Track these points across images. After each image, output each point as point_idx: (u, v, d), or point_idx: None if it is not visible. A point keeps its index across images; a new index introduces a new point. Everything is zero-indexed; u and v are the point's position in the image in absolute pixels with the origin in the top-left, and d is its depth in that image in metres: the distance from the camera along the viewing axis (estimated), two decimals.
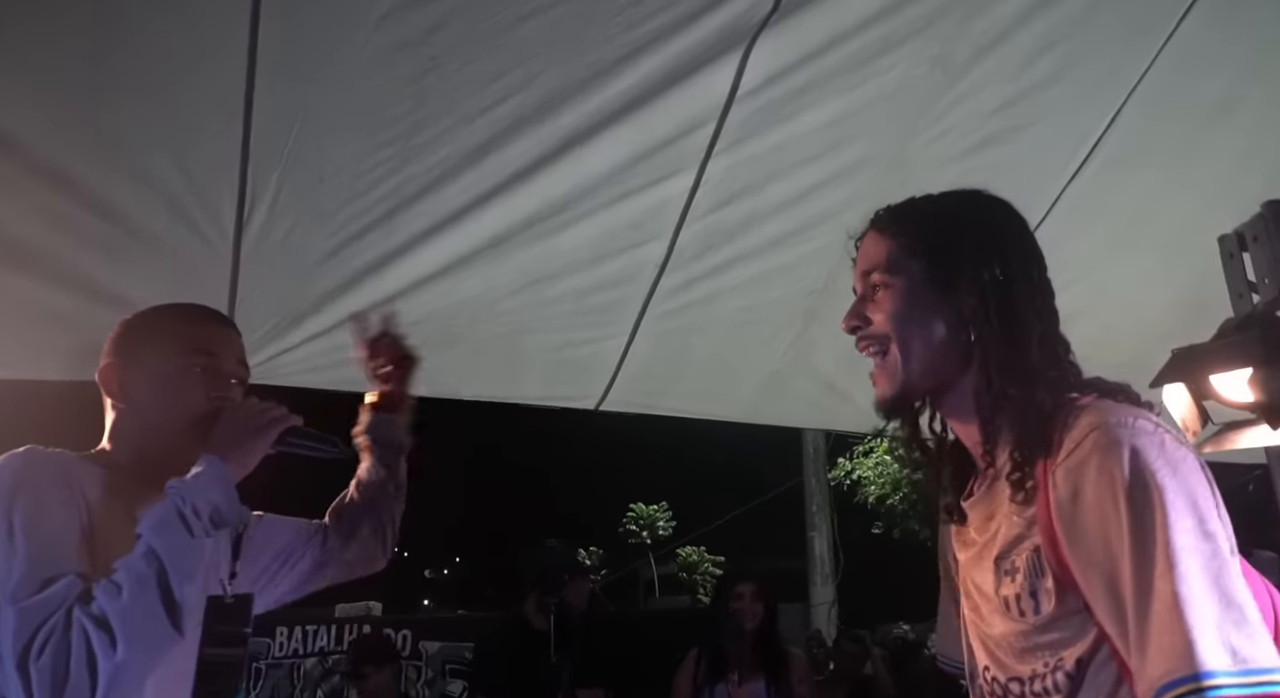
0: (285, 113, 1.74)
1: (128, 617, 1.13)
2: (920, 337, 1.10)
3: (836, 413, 2.96)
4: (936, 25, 1.94)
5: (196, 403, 1.38)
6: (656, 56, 1.82)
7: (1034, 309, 1.09)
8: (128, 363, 1.41)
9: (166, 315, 1.47)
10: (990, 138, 2.17)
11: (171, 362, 1.39)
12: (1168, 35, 2.12)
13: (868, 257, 1.18)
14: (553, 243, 2.13)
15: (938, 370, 1.11)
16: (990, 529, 1.09)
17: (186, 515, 1.22)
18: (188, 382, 1.39)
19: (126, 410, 1.40)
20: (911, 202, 1.21)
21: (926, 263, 1.12)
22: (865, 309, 1.15)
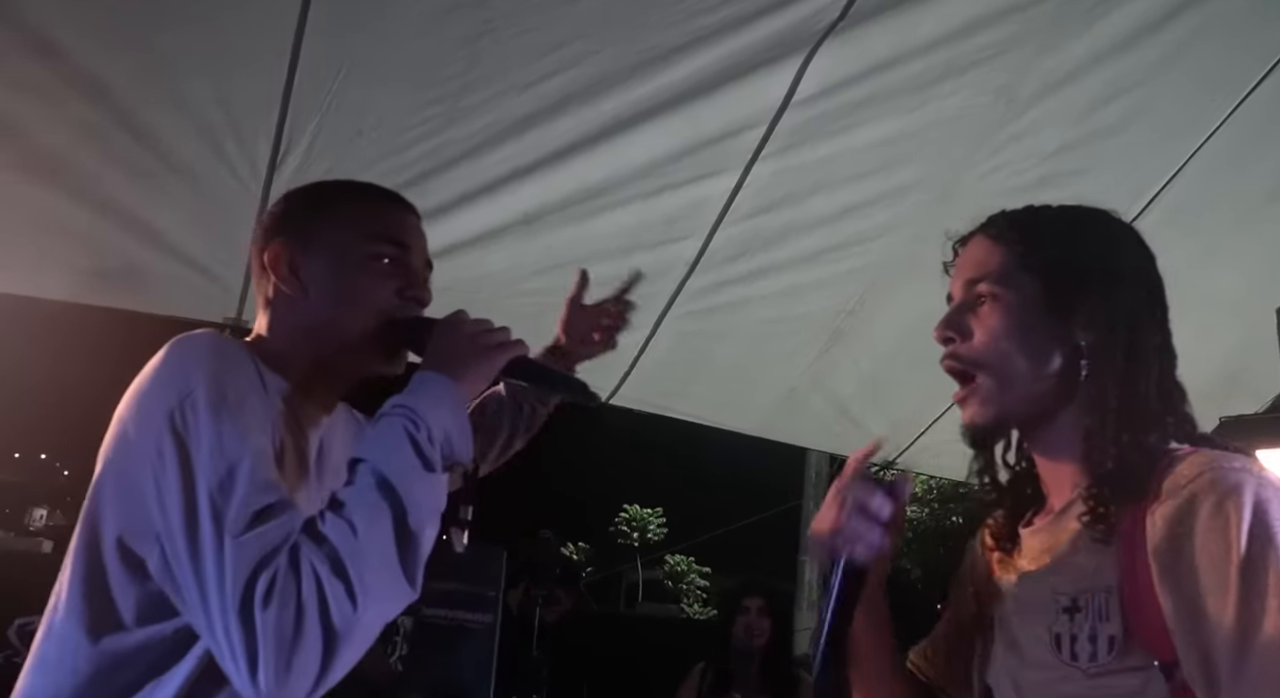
0: (333, 59, 1.70)
1: (366, 563, 0.92)
2: (1025, 361, 0.99)
3: (847, 439, 2.90)
4: (1006, 56, 1.88)
5: (386, 301, 1.13)
6: (715, 51, 1.78)
7: (1155, 349, 0.99)
8: (303, 242, 1.15)
9: (347, 193, 1.23)
10: (1045, 178, 2.11)
11: (357, 248, 1.14)
12: (1243, 96, 2.06)
13: (976, 263, 1.05)
14: (585, 227, 2.10)
15: (1038, 401, 1.00)
16: (1051, 562, 1.00)
17: (421, 442, 0.98)
18: (376, 274, 1.13)
19: (298, 300, 1.13)
20: (1033, 209, 1.09)
21: (1045, 279, 1.00)
22: (966, 320, 1.03)
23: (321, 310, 1.12)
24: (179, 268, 2.04)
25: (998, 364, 1.00)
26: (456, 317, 1.12)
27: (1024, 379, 0.99)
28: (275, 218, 1.20)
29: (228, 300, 2.18)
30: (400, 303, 1.13)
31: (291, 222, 1.18)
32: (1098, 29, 1.86)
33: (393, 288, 1.13)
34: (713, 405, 2.78)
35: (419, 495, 0.96)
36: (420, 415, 1.00)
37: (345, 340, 1.12)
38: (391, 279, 1.14)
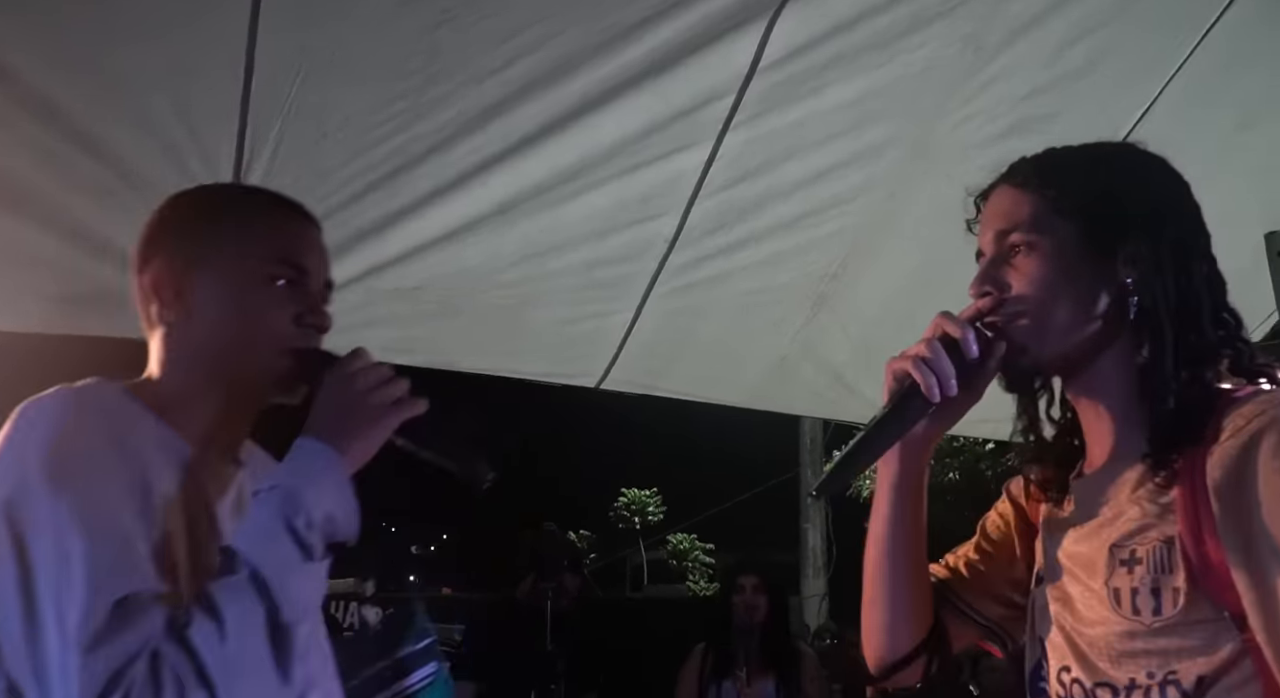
0: (289, 61, 1.66)
1: (235, 670, 0.84)
2: (1069, 307, 0.96)
3: (842, 404, 2.90)
4: (971, 4, 1.86)
5: (282, 330, 1.04)
6: (678, 22, 1.75)
7: (1205, 279, 0.96)
8: (188, 261, 1.04)
9: (238, 203, 1.12)
10: (1018, 124, 2.09)
11: (250, 269, 1.04)
12: (1208, 27, 2.05)
13: (1004, 214, 1.02)
14: (560, 213, 2.07)
15: (1080, 345, 0.97)
16: (1104, 513, 0.96)
17: (299, 530, 0.90)
18: (271, 299, 1.04)
19: (186, 326, 1.04)
20: (1055, 152, 1.07)
21: (1082, 222, 0.97)
22: (1002, 274, 1.00)
23: (212, 339, 1.04)
24: None
25: (1039, 311, 0.97)
26: (350, 366, 1.02)
27: (1067, 324, 0.97)
28: (156, 231, 1.10)
29: None
30: (298, 331, 1.05)
31: (175, 237, 1.08)
32: None
33: (290, 314, 1.05)
34: (703, 381, 2.76)
35: (296, 589, 0.89)
36: (299, 498, 0.91)
37: (240, 372, 1.04)
38: (288, 305, 1.05)
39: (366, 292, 2.16)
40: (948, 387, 0.95)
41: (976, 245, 1.06)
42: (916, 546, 1.11)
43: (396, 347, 2.36)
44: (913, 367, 0.96)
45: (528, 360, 2.54)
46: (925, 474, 1.10)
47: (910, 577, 1.11)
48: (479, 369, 2.51)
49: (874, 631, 1.15)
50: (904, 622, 1.12)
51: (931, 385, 0.95)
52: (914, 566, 1.12)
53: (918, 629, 1.12)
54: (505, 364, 2.51)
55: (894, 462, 1.08)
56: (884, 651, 1.14)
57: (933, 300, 2.62)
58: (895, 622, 1.12)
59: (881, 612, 1.13)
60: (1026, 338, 0.97)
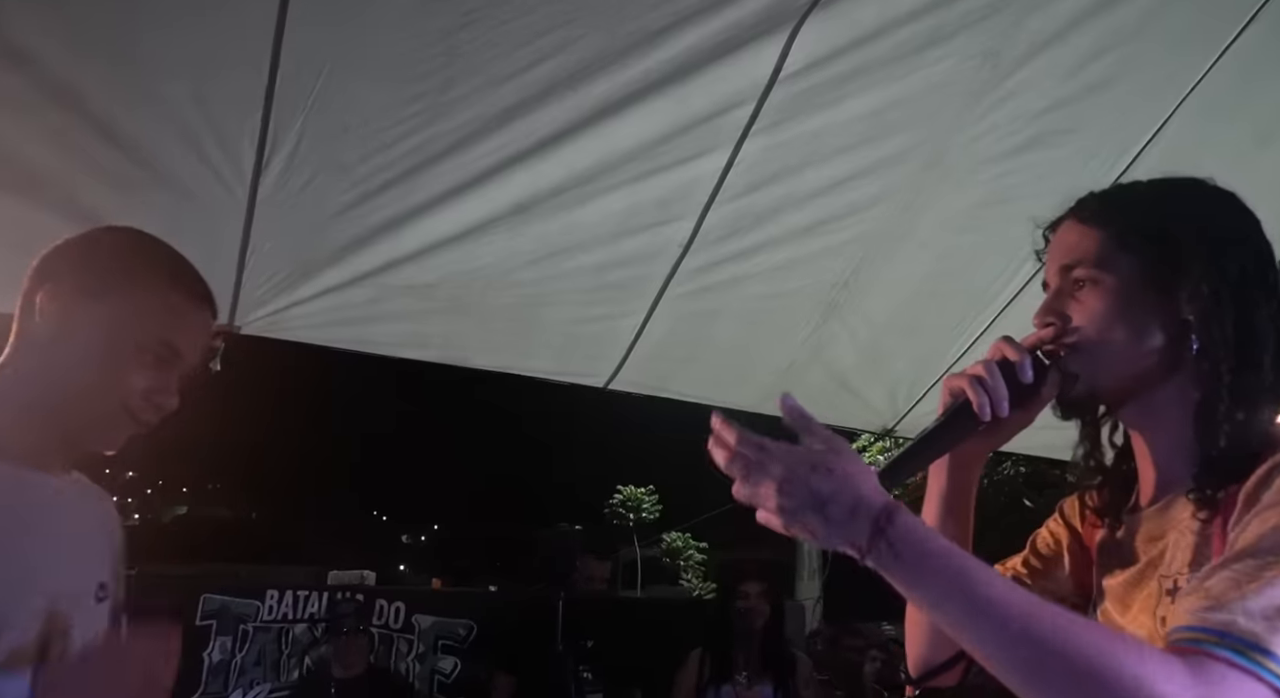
0: (314, 57, 1.67)
1: None
2: (1127, 342, 0.98)
3: (848, 410, 2.91)
4: (991, 19, 1.87)
5: (131, 396, 1.12)
6: (701, 29, 1.75)
7: (1269, 318, 0.95)
8: (76, 293, 1.12)
9: (155, 269, 1.18)
10: (1035, 138, 2.10)
11: (133, 333, 1.13)
12: (1226, 44, 2.06)
13: (1070, 248, 1.03)
14: (576, 215, 2.08)
15: (1136, 380, 0.99)
16: (1157, 548, 0.98)
17: None
18: (136, 366, 1.13)
19: (45, 351, 1.11)
20: (1123, 187, 1.08)
21: (1144, 258, 0.98)
22: (1065, 306, 1.01)
23: (72, 373, 1.11)
24: None
25: (1097, 345, 0.98)
26: (121, 643, 1.09)
27: (1125, 357, 0.98)
28: (74, 258, 1.17)
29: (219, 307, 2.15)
30: (143, 403, 1.14)
31: (89, 272, 1.15)
32: None
33: (143, 386, 1.13)
34: (711, 384, 2.77)
35: None
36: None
37: (82, 411, 1.11)
38: (148, 378, 1.13)
39: (379, 287, 2.17)
40: (999, 408, 0.97)
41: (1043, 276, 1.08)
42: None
43: (409, 342, 2.38)
44: (969, 385, 0.98)
45: (537, 359, 2.55)
46: (974, 488, 1.12)
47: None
48: (489, 366, 2.52)
49: (918, 634, 1.17)
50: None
51: (984, 405, 0.97)
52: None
53: None
54: (515, 362, 2.52)
55: (943, 473, 1.11)
56: (927, 653, 1.16)
57: (940, 310, 2.65)
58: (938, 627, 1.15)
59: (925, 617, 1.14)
60: (1082, 369, 0.99)
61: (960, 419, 0.99)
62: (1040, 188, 2.27)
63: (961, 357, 2.73)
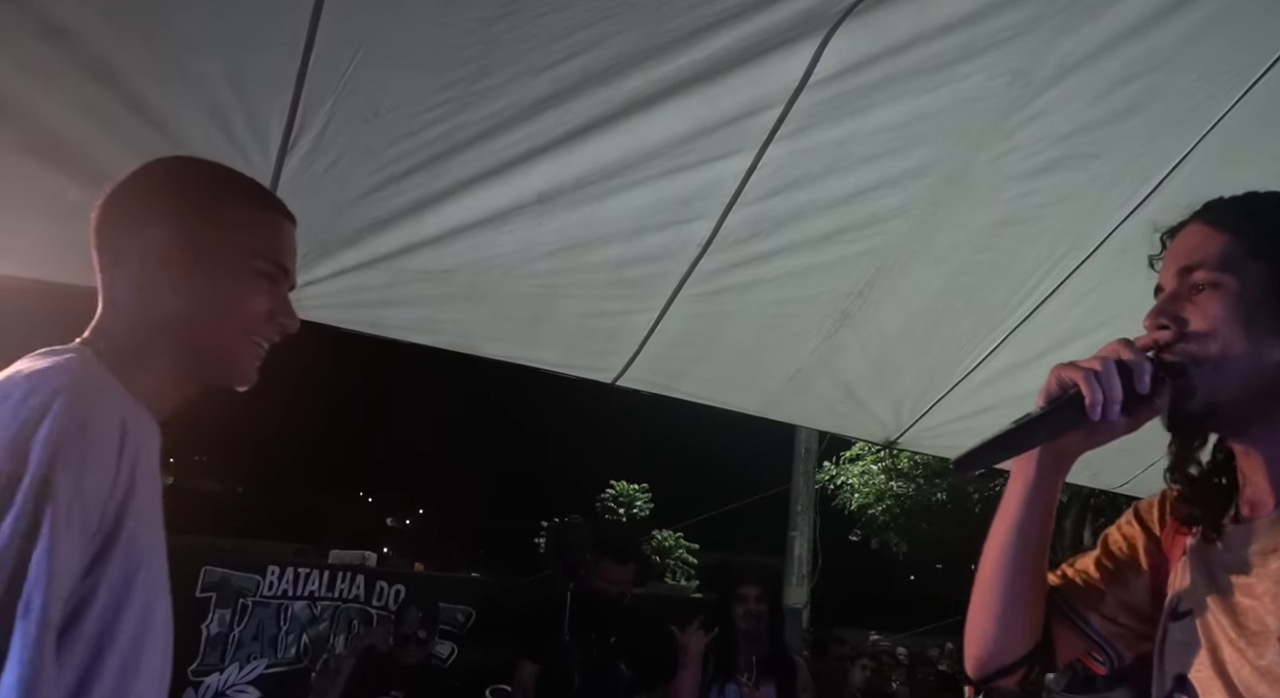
0: (349, 39, 1.68)
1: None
2: (1248, 352, 0.92)
3: (851, 419, 2.92)
4: (1024, 38, 1.88)
5: (255, 321, 1.09)
6: (736, 31, 1.76)
7: None
8: (185, 235, 1.06)
9: (238, 192, 1.13)
10: (1058, 161, 2.11)
11: (242, 258, 1.08)
12: (1250, 84, 2.06)
13: (1191, 250, 0.99)
14: (598, 208, 2.08)
15: (1256, 394, 0.94)
16: (1273, 564, 0.93)
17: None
18: (253, 291, 1.09)
19: (163, 298, 1.05)
20: (1256, 195, 1.02)
21: (1273, 265, 0.94)
22: (1181, 310, 0.96)
23: (189, 313, 1.06)
24: None
25: (1216, 352, 0.94)
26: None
27: (1244, 369, 0.93)
28: (155, 193, 1.11)
29: None
30: (269, 325, 1.11)
31: (178, 204, 1.09)
32: (1114, 13, 1.85)
33: (265, 309, 1.10)
34: (719, 386, 2.78)
35: None
36: None
37: (204, 351, 1.07)
38: (267, 300, 1.10)
39: (396, 271, 2.17)
40: (1111, 410, 0.92)
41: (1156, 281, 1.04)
42: (1039, 555, 1.08)
43: (421, 327, 2.38)
44: (1084, 378, 0.93)
45: (548, 351, 2.56)
46: (1059, 487, 1.07)
47: (1029, 586, 1.09)
48: (499, 356, 2.53)
49: (982, 636, 1.12)
50: (1014, 630, 1.10)
51: (1098, 402, 0.92)
52: (1033, 574, 1.09)
53: (1027, 639, 1.10)
54: (526, 353, 2.53)
55: (1031, 467, 1.05)
56: (988, 656, 1.12)
57: (952, 326, 2.66)
58: (1006, 629, 1.10)
59: (993, 618, 1.11)
60: (1200, 379, 0.95)
61: (1067, 412, 0.94)
62: (1060, 210, 2.29)
63: (968, 374, 2.74)
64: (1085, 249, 2.42)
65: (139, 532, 0.97)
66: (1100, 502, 13.88)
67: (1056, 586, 1.14)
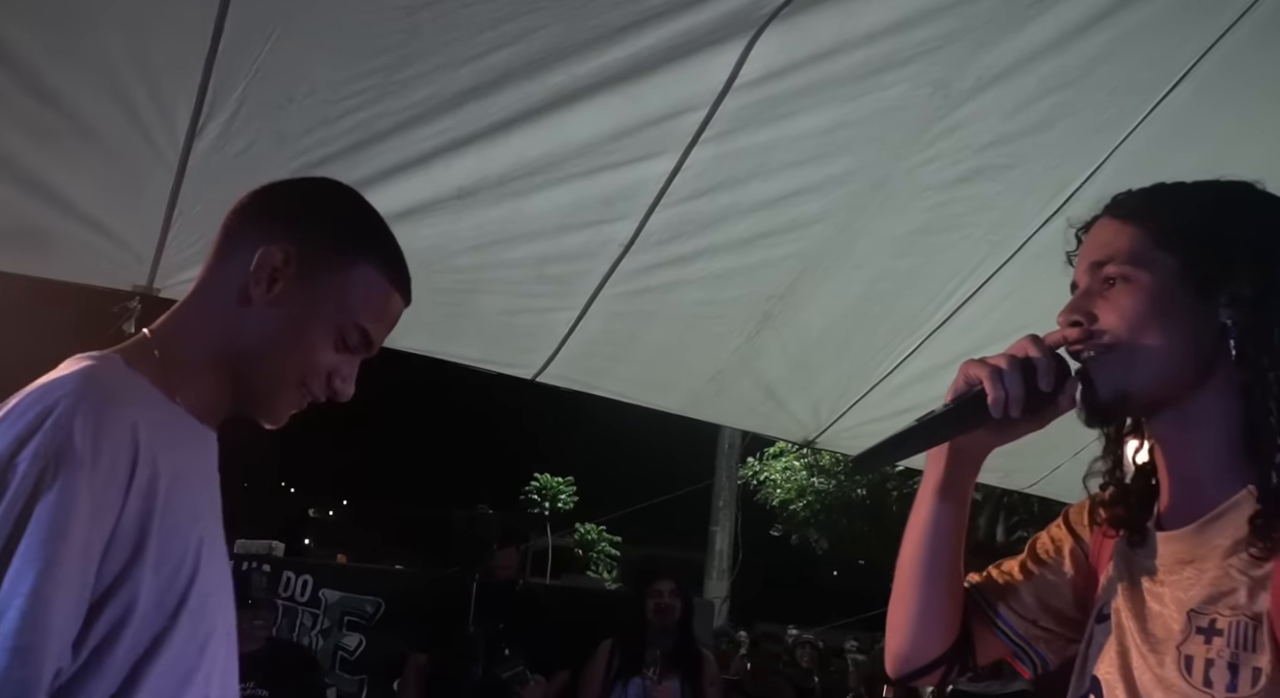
0: (262, 23, 1.62)
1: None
2: (1160, 345, 0.91)
3: (772, 419, 2.95)
4: (946, 50, 1.90)
5: (313, 374, 1.05)
6: (662, 30, 1.75)
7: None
8: (308, 263, 1.03)
9: (380, 247, 1.09)
10: (976, 171, 2.15)
11: (339, 311, 1.04)
12: (1160, 97, 2.13)
13: (1104, 245, 0.97)
14: (520, 205, 2.06)
15: (1168, 387, 0.92)
16: (1188, 574, 0.91)
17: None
18: (329, 345, 1.05)
19: (247, 314, 1.02)
20: (1164, 186, 1.00)
21: (1183, 257, 0.92)
22: (1092, 305, 0.95)
23: (258, 337, 1.03)
24: (87, 233, 1.94)
25: (1126, 345, 0.92)
26: None
27: (1158, 361, 0.92)
28: (304, 211, 1.08)
29: (139, 269, 2.08)
30: (321, 382, 1.07)
31: (314, 235, 1.05)
32: (1032, 28, 1.89)
33: (328, 365, 1.06)
34: (640, 385, 2.78)
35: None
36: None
37: (254, 376, 1.04)
38: (334, 359, 1.06)
39: None
40: (1013, 407, 0.92)
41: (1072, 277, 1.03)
42: (952, 552, 1.08)
43: None
44: (988, 376, 0.93)
45: (468, 346, 2.52)
46: (971, 483, 1.07)
47: (944, 584, 1.09)
48: (417, 349, 2.48)
49: (899, 631, 1.12)
50: (931, 628, 1.09)
51: (999, 400, 0.92)
52: (948, 572, 1.09)
53: (945, 637, 1.10)
54: (445, 347, 2.49)
55: (941, 465, 1.06)
56: (907, 652, 1.11)
57: (871, 330, 2.70)
58: (922, 627, 1.10)
59: (909, 614, 1.10)
60: (1110, 373, 0.94)
61: (970, 410, 0.94)
62: (977, 219, 2.33)
63: (887, 376, 2.78)
64: (1002, 256, 2.47)
65: (173, 545, 0.93)
66: (1013, 500, 14.31)
67: (977, 584, 1.15)
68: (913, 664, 1.11)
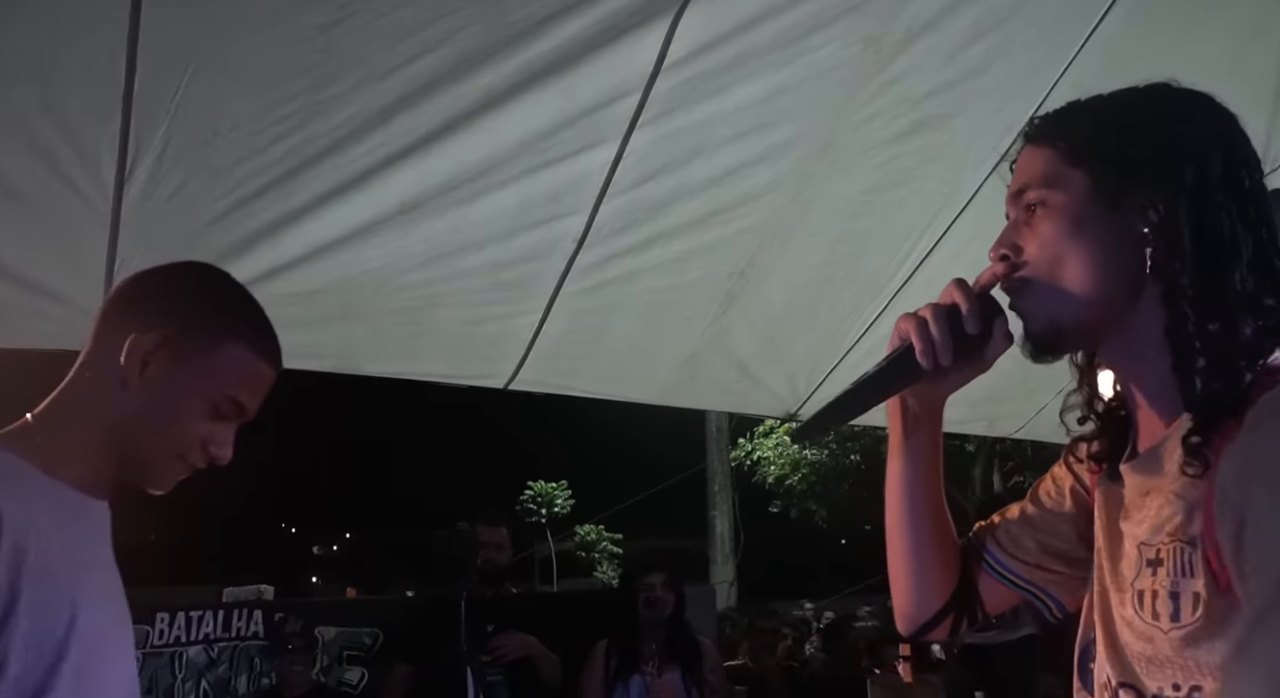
0: (174, 58, 1.58)
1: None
2: (1082, 266, 0.88)
3: (749, 397, 2.93)
4: (870, 4, 1.89)
5: (187, 445, 1.12)
6: (583, 18, 1.72)
7: (1243, 220, 0.85)
8: (179, 347, 1.10)
9: (240, 323, 1.17)
10: (919, 123, 2.14)
11: (208, 385, 1.12)
12: (1089, 31, 2.13)
13: (1021, 172, 0.95)
14: (465, 213, 2.02)
15: (1100, 305, 0.88)
16: (1146, 506, 0.87)
17: None
18: (200, 417, 1.12)
19: (121, 392, 1.09)
20: (1077, 102, 0.97)
21: (1094, 172, 0.89)
22: (1018, 236, 0.93)
23: (131, 415, 1.10)
24: (26, 296, 1.88)
25: (1051, 271, 0.90)
26: None
27: (1081, 286, 0.89)
28: (169, 299, 1.15)
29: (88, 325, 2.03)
30: (198, 453, 1.14)
31: (182, 320, 1.12)
32: None
33: (201, 436, 1.13)
34: (613, 380, 2.75)
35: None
36: None
37: (130, 451, 1.11)
38: (209, 429, 1.14)
39: (262, 296, 2.04)
40: (942, 356, 0.91)
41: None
42: (930, 505, 1.08)
43: (299, 352, 2.27)
44: (914, 328, 0.92)
45: (433, 363, 2.49)
46: (934, 435, 1.06)
47: (930, 537, 1.08)
48: (384, 373, 2.45)
49: (899, 590, 1.12)
50: (928, 582, 1.09)
51: (926, 351, 0.91)
52: (931, 525, 1.08)
53: (943, 588, 1.10)
54: (410, 367, 2.45)
55: (897, 423, 1.05)
56: (912, 611, 1.11)
57: (837, 296, 2.68)
58: (919, 582, 1.10)
59: (904, 571, 1.10)
60: (1039, 304, 0.91)
61: (901, 365, 0.93)
62: (927, 171, 2.32)
63: (859, 340, 2.77)
64: (956, 207, 2.47)
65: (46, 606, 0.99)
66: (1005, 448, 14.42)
67: (978, 532, 1.14)
68: (918, 620, 1.11)
